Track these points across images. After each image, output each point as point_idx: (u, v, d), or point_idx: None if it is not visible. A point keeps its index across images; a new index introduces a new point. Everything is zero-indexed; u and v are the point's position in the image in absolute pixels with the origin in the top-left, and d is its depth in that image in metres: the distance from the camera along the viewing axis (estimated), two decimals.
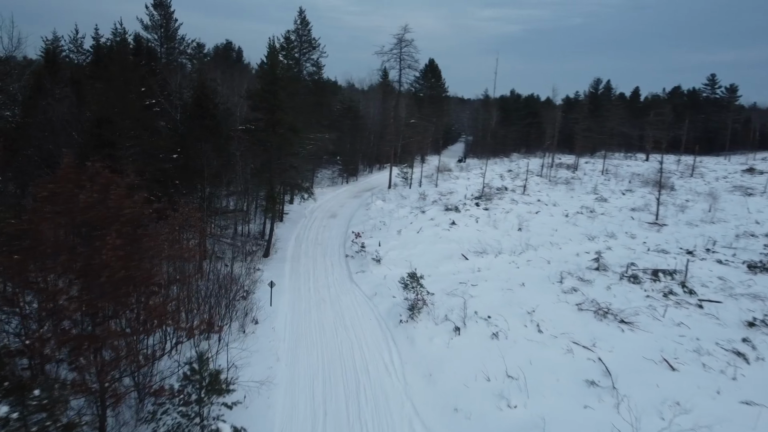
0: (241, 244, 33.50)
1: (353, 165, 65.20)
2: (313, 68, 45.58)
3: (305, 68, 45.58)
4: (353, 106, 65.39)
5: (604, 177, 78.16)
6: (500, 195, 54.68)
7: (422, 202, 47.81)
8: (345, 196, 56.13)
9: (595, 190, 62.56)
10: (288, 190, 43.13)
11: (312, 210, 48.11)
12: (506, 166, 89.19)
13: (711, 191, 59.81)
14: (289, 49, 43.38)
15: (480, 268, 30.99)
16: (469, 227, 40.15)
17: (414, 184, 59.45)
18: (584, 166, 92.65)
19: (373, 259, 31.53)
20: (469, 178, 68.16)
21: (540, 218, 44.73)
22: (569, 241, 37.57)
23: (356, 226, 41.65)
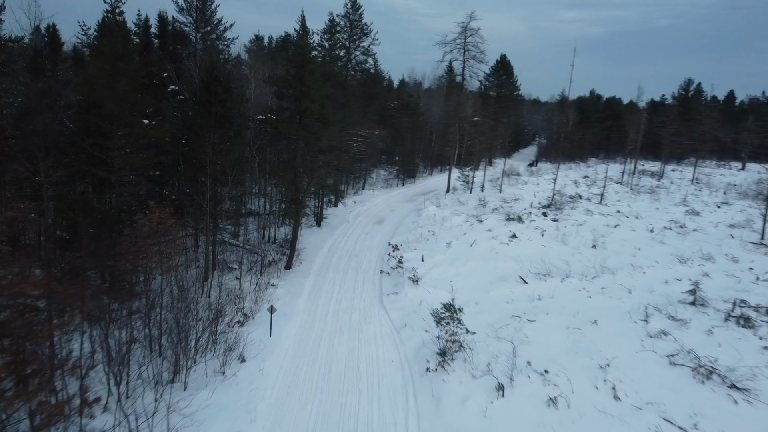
0: (261, 253, 28.77)
1: (411, 166, 59.59)
2: (363, 57, 40.55)
3: (354, 56, 40.53)
4: (412, 102, 59.84)
5: (695, 187, 68.73)
6: (573, 204, 47.49)
7: (481, 210, 41.58)
8: (398, 199, 50.63)
9: (684, 202, 54.12)
10: (328, 192, 38.27)
11: (357, 214, 42.94)
12: (582, 171, 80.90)
13: None
14: (333, 33, 38.41)
15: (541, 296, 24.65)
16: (532, 242, 33.66)
17: (475, 189, 53.16)
18: (670, 174, 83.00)
19: (410, 279, 25.79)
20: (538, 183, 60.96)
21: (619, 233, 37.51)
22: (655, 264, 30.44)
23: (402, 234, 36.06)
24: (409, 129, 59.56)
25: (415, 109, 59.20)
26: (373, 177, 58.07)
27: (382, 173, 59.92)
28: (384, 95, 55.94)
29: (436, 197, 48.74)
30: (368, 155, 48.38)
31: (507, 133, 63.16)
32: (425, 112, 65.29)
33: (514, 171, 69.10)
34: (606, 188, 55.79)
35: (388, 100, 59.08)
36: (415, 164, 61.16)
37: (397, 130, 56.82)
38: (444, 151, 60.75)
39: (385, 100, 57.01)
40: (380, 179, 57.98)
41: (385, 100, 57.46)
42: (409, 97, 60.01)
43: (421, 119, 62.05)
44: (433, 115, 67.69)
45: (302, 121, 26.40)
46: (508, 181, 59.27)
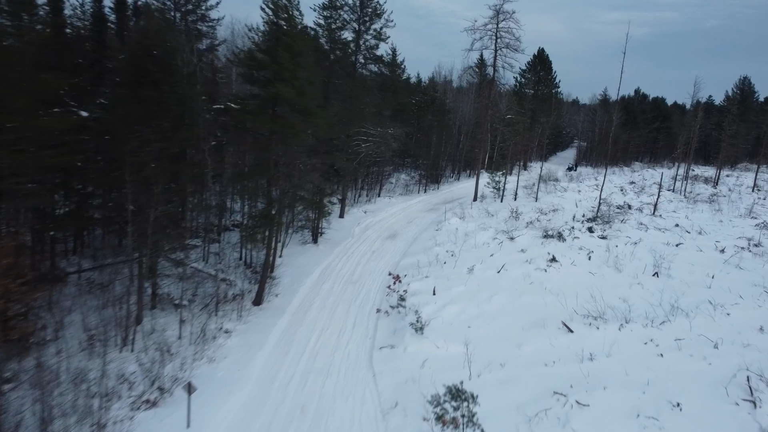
0: (229, 281, 22.24)
1: (436, 170, 52.40)
2: (375, 41, 33.64)
3: (364, 41, 33.69)
4: (438, 98, 52.69)
5: (757, 195, 59.72)
6: (622, 215, 39.69)
7: (513, 224, 34.17)
8: (418, 208, 43.47)
9: (751, 213, 45.69)
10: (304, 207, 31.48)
11: (366, 226, 36.02)
12: (627, 176, 72.27)
13: None
14: (335, 8, 31.41)
15: (593, 355, 17.35)
16: (577, 267, 26.23)
17: (507, 197, 45.69)
18: (725, 179, 73.82)
19: (411, 326, 18.68)
20: (580, 190, 53.00)
21: (684, 255, 29.75)
22: (740, 301, 22.81)
23: (413, 255, 29.01)
24: (435, 129, 52.42)
25: (441, 106, 52.05)
26: (392, 182, 51.10)
27: (404, 178, 52.90)
28: (404, 89, 49.07)
29: (461, 207, 41.44)
30: (383, 157, 41.52)
31: (545, 134, 55.40)
32: (453, 111, 58.07)
33: (551, 176, 61.21)
34: (657, 196, 47.77)
35: (411, 96, 52.03)
36: (440, 168, 54.00)
37: (420, 129, 49.72)
38: (473, 154, 53.34)
39: (407, 95, 50.07)
40: (400, 185, 50.93)
41: (408, 96, 50.50)
42: (434, 92, 52.95)
43: (448, 118, 54.82)
44: (462, 114, 60.41)
45: (275, 112, 19.78)
46: (545, 187, 51.54)
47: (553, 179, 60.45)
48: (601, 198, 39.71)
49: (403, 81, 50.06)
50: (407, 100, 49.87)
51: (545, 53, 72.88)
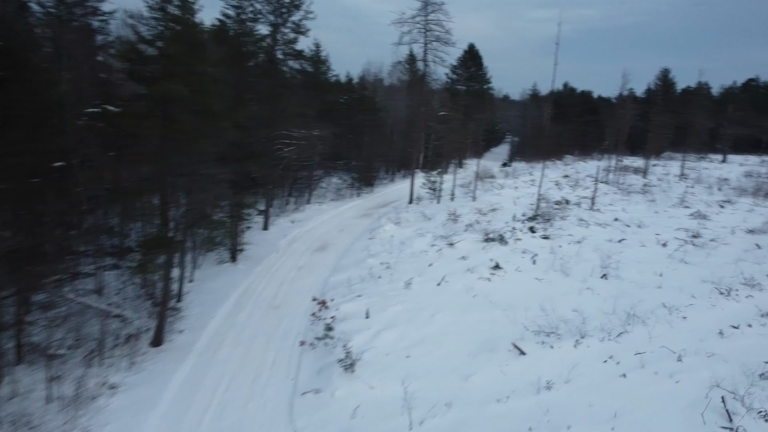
0: (122, 316, 18.50)
1: (369, 172, 49.54)
2: (294, 34, 30.35)
3: (283, 35, 30.38)
4: (367, 95, 49.88)
5: (685, 183, 60.50)
6: (562, 211, 38.20)
7: (451, 227, 31.78)
8: (351, 214, 40.45)
9: (683, 202, 45.57)
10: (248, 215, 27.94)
11: (293, 238, 32.67)
12: (561, 170, 72.07)
13: None
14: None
15: (551, 383, 14.90)
16: (522, 274, 23.98)
17: (444, 197, 43.48)
18: (653, 169, 75.08)
19: (340, 362, 15.59)
20: (517, 187, 51.59)
21: (629, 252, 28.26)
22: (693, 300, 21.10)
23: (344, 270, 25.97)
24: (367, 129, 49.56)
25: (371, 104, 49.27)
26: (323, 187, 47.84)
27: (336, 182, 49.75)
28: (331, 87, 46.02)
29: (396, 211, 38.79)
30: (311, 161, 38.26)
31: (480, 130, 53.75)
32: (385, 109, 55.44)
33: (488, 173, 59.72)
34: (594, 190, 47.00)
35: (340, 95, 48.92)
36: (374, 170, 51.21)
37: (351, 130, 46.71)
38: (407, 154, 50.90)
39: (335, 94, 46.99)
40: (332, 190, 47.75)
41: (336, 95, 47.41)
42: (364, 91, 50.08)
43: (380, 116, 52.13)
44: (395, 112, 57.86)
45: (166, 114, 16.30)
46: (482, 185, 49.76)
47: (490, 176, 58.99)
48: (539, 195, 38.02)
49: (330, 79, 47.02)
50: (336, 99, 46.80)
51: (475, 48, 71.73)
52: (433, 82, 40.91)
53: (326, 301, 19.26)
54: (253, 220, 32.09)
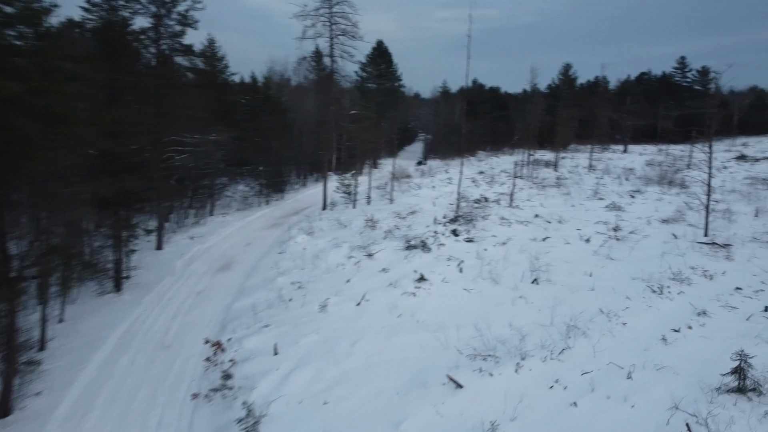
0: None
1: (279, 177, 45.94)
2: (180, 27, 26.56)
3: (167, 28, 26.47)
4: (272, 95, 46.25)
5: (595, 175, 61.63)
6: (483, 210, 36.70)
7: (370, 235, 29.14)
8: (259, 225, 36.79)
9: (596, 194, 45.76)
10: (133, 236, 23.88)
11: (193, 257, 28.75)
12: (475, 167, 71.58)
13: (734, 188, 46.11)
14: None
15: (496, 424, 12.49)
16: (449, 285, 21.75)
17: (360, 201, 40.86)
18: (563, 162, 76.61)
19: (240, 423, 12.38)
20: (434, 186, 49.95)
21: (555, 251, 26.96)
22: (628, 302, 19.78)
23: (251, 293, 22.57)
24: (274, 131, 45.95)
25: (277, 105, 45.66)
26: (229, 195, 43.75)
27: (242, 190, 45.72)
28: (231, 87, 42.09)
29: (309, 219, 35.61)
30: (210, 169, 34.32)
31: (393, 129, 51.64)
32: (293, 110, 51.96)
33: (404, 173, 57.81)
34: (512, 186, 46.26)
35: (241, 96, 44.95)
36: (284, 175, 47.66)
37: (256, 133, 42.97)
38: (319, 156, 47.80)
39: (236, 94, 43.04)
40: (238, 198, 43.71)
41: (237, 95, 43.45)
42: (267, 90, 46.35)
43: (287, 118, 48.63)
44: (304, 113, 54.49)
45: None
46: (399, 186, 47.64)
47: (406, 176, 57.12)
48: (459, 195, 36.24)
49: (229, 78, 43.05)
50: (237, 100, 42.87)
51: (384, 45, 69.74)
52: (342, 80, 38.20)
53: (222, 342, 15.88)
54: (146, 239, 27.97)
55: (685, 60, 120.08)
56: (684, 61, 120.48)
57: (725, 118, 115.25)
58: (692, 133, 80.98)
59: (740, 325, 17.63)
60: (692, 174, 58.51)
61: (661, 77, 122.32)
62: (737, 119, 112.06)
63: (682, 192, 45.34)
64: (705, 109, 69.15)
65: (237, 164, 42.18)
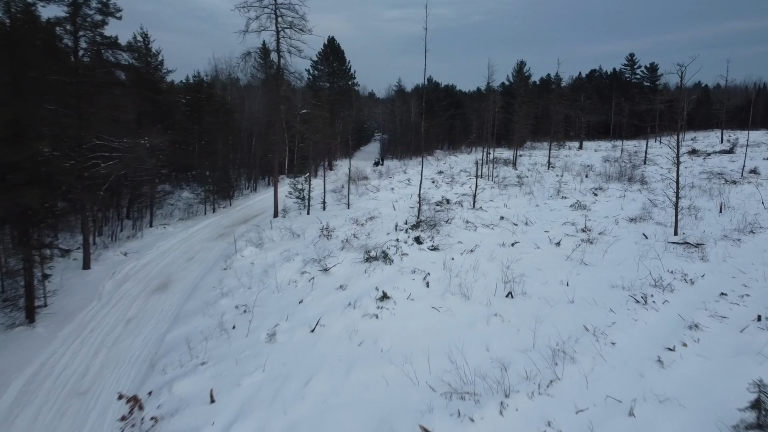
0: None
1: (226, 183, 42.52)
2: (100, 16, 23.15)
3: (86, 17, 23.06)
4: (217, 95, 42.75)
5: (554, 173, 60.58)
6: (446, 214, 34.52)
7: (325, 245, 26.39)
8: (204, 236, 33.49)
9: (559, 193, 44.36)
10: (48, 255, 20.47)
11: (124, 277, 25.31)
12: (434, 166, 69.67)
13: (693, 183, 46.17)
14: None
15: None
16: (416, 303, 19.24)
17: (315, 206, 38.01)
18: (520, 160, 75.78)
19: None
20: (393, 188, 47.57)
21: (527, 258, 24.89)
22: (612, 316, 17.79)
23: (189, 319, 19.51)
24: (221, 133, 42.52)
25: (221, 105, 42.19)
26: (171, 204, 40.12)
27: (187, 197, 42.09)
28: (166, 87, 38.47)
29: (258, 228, 32.55)
30: (145, 176, 30.80)
31: (348, 129, 48.84)
32: (239, 110, 48.58)
33: (360, 174, 55.20)
34: (473, 186, 44.34)
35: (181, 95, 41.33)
36: (232, 180, 44.25)
37: (200, 136, 39.51)
38: (269, 160, 44.66)
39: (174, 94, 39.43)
40: (182, 207, 40.08)
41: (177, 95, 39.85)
42: (210, 89, 42.77)
43: (232, 118, 45.26)
44: (252, 114, 51.18)
45: None
46: (356, 189, 45.00)
47: (363, 178, 54.57)
48: (420, 198, 33.84)
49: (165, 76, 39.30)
50: (176, 100, 39.26)
51: (336, 42, 66.76)
52: (291, 77, 35.18)
53: (139, 397, 12.89)
54: (72, 257, 24.43)
55: (634, 57, 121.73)
56: (633, 58, 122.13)
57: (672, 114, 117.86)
58: (648, 129, 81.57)
59: (736, 339, 15.80)
60: (650, 170, 58.51)
61: (611, 74, 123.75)
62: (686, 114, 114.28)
63: (644, 189, 44.57)
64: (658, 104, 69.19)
65: (181, 169, 38.64)
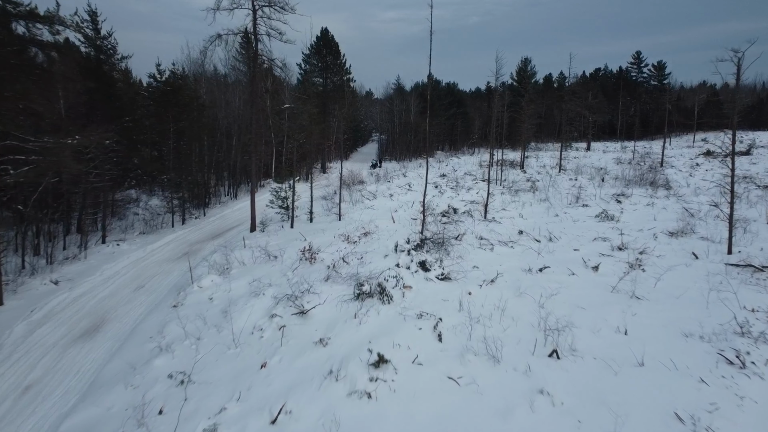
0: None
1: (201, 188, 36.55)
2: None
3: None
4: (186, 87, 36.61)
5: (567, 176, 54.81)
6: (454, 227, 28.85)
7: (306, 273, 20.49)
8: (164, 255, 27.57)
9: (578, 200, 38.69)
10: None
11: (46, 316, 19.38)
12: (435, 168, 63.92)
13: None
14: None
15: None
16: (424, 370, 13.39)
17: (301, 217, 32.23)
18: (528, 162, 70.18)
19: None
20: (392, 194, 41.73)
21: (563, 290, 19.13)
22: (706, 391, 12.02)
23: (104, 394, 13.79)
24: (192, 133, 36.60)
25: (191, 99, 36.08)
26: (138, 213, 34.19)
27: (156, 205, 36.14)
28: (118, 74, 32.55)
29: (228, 246, 26.66)
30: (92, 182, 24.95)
31: (341, 127, 43.16)
32: (216, 106, 42.67)
33: (355, 178, 49.37)
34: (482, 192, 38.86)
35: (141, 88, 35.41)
36: (207, 185, 38.30)
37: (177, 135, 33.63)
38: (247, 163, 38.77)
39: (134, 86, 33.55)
40: (147, 218, 34.09)
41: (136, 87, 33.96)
42: (180, 79, 36.65)
43: (208, 114, 39.41)
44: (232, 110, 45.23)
45: None
46: (349, 196, 39.15)
47: (359, 182, 48.77)
48: (424, 212, 27.98)
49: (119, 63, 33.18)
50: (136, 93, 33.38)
51: (330, 34, 60.70)
52: (272, 64, 29.18)
53: None
54: None
55: (641, 55, 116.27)
56: (640, 56, 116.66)
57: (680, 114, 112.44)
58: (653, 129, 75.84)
59: None
60: (668, 172, 52.87)
61: (617, 73, 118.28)
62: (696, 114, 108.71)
63: (671, 195, 38.89)
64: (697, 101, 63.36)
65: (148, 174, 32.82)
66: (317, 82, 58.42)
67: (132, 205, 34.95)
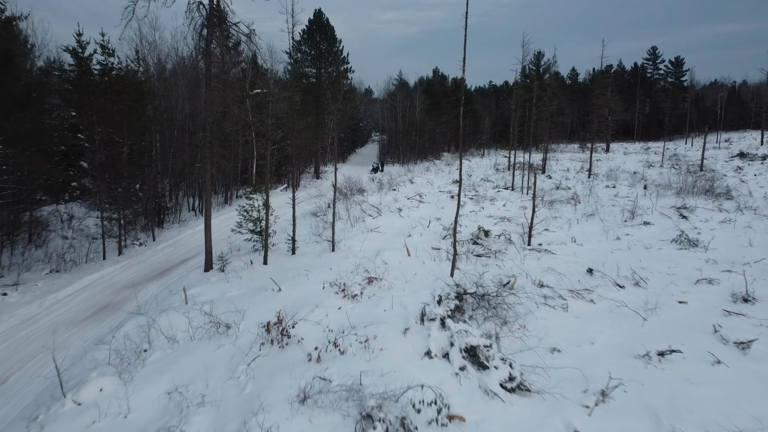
0: None
1: (146, 203, 27.29)
2: None
3: None
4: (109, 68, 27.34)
5: (602, 183, 46.00)
6: (494, 260, 20.02)
7: (269, 368, 11.47)
8: (69, 311, 18.36)
9: (635, 215, 30.19)
10: None
11: None
12: (446, 174, 54.92)
13: None
14: None
15: None
16: None
17: (279, 246, 23.24)
18: (549, 165, 61.44)
19: None
20: (401, 209, 32.55)
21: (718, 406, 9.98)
22: None
23: None
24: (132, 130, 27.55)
25: (134, 86, 26.86)
26: (67, 237, 25.03)
27: (91, 225, 26.98)
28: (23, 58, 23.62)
29: (164, 299, 17.57)
30: None
31: (337, 126, 34.13)
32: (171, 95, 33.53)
33: (354, 186, 40.28)
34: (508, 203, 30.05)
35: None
36: (157, 199, 28.95)
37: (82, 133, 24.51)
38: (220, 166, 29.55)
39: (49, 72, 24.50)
40: (72, 245, 24.84)
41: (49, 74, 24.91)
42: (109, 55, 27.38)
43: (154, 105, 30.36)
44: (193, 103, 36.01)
45: None
46: (347, 211, 30.03)
47: (358, 190, 39.73)
48: (455, 240, 18.83)
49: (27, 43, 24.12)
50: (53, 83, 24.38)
51: (324, 17, 51.35)
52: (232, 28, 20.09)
53: None
54: None
55: (657, 51, 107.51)
56: (656, 51, 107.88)
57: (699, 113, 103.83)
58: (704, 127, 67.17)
59: None
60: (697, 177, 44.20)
61: (632, 70, 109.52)
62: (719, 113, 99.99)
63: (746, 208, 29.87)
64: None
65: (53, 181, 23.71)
66: (309, 72, 49.15)
67: (63, 226, 25.87)
